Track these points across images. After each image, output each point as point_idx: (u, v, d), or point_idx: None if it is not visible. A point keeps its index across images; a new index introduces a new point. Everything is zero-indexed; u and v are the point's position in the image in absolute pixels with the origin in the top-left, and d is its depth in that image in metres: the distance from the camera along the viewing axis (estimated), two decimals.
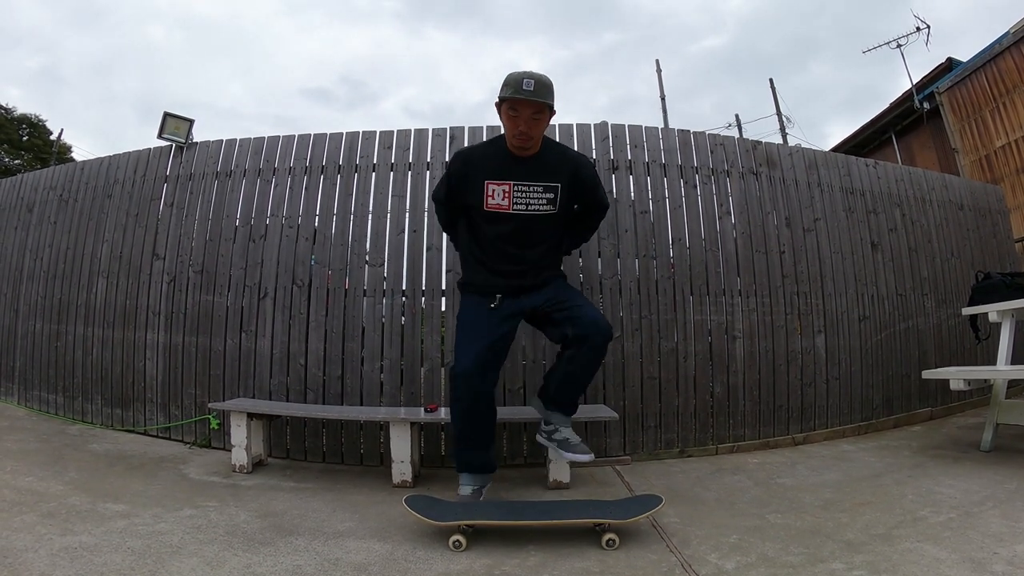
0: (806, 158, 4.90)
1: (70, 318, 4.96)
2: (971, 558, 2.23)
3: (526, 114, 2.81)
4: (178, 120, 4.73)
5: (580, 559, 2.40)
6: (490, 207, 2.92)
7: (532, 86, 2.77)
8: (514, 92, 2.78)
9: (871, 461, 3.83)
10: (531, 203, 2.92)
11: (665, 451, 4.10)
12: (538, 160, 2.96)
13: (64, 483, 3.27)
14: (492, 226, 2.97)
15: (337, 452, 4.03)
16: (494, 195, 2.91)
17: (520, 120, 2.82)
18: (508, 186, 2.91)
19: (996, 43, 9.63)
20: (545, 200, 2.94)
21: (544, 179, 2.94)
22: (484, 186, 2.92)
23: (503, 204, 2.91)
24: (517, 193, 2.91)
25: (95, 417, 4.73)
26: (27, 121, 26.95)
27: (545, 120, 2.88)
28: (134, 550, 2.39)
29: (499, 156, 2.97)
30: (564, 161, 3.03)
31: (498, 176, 2.92)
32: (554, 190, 2.95)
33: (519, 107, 2.79)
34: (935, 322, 5.25)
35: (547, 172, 2.95)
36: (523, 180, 2.92)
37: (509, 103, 2.81)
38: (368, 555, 2.44)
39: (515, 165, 2.94)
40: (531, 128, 2.84)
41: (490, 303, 2.99)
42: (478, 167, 2.96)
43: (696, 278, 4.30)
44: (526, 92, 2.76)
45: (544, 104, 2.81)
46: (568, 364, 2.93)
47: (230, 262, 4.39)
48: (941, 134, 10.86)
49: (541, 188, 2.94)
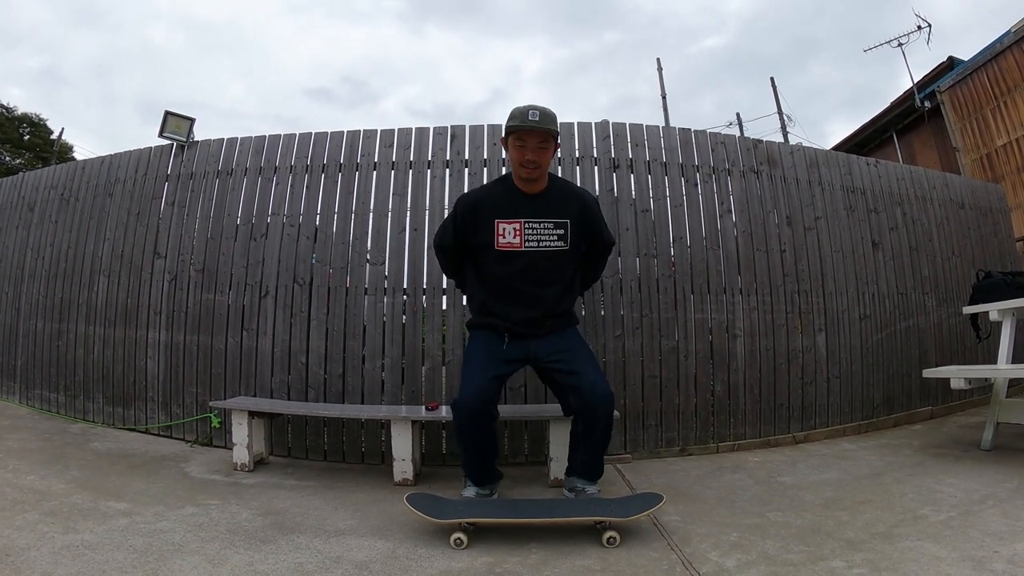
0: (807, 157, 4.90)
1: (71, 317, 4.97)
2: (971, 556, 2.24)
3: (532, 143, 2.86)
4: (179, 119, 4.73)
5: (581, 557, 2.41)
6: (501, 246, 2.94)
7: (537, 116, 2.85)
8: (520, 122, 2.85)
9: (872, 460, 3.84)
10: (542, 240, 2.95)
11: (666, 449, 4.10)
12: (546, 197, 3.01)
13: (66, 482, 3.28)
14: (504, 266, 2.98)
15: (338, 450, 4.04)
16: (505, 234, 2.94)
17: (527, 149, 2.87)
18: (519, 224, 2.94)
19: (997, 42, 9.62)
20: (556, 236, 2.97)
21: (554, 215, 2.98)
22: (495, 225, 2.95)
23: (514, 243, 2.94)
24: (528, 231, 2.94)
25: (96, 416, 4.73)
26: (28, 120, 26.95)
27: (551, 150, 2.94)
28: (136, 548, 2.40)
29: (507, 195, 3.02)
30: (572, 198, 3.08)
31: (508, 215, 2.95)
32: (564, 226, 2.98)
33: (525, 137, 2.86)
34: (936, 321, 5.25)
35: (556, 209, 2.99)
36: (533, 217, 2.96)
37: (515, 134, 2.87)
38: (370, 553, 2.44)
39: (524, 203, 2.98)
40: (538, 156, 2.89)
41: (501, 342, 3.01)
42: (487, 207, 2.99)
43: (697, 276, 4.30)
44: (532, 122, 2.83)
45: (550, 132, 2.87)
46: (588, 439, 2.95)
47: (231, 261, 4.40)
48: (942, 133, 10.86)
49: (552, 225, 2.97)
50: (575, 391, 2.91)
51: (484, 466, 3.02)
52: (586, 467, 3.01)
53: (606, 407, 2.88)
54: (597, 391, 2.88)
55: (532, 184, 2.98)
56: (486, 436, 2.96)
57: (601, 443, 2.96)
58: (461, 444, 2.99)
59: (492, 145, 4.29)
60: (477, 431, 2.89)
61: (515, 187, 3.01)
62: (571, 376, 2.95)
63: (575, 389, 2.91)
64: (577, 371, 2.94)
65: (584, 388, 2.88)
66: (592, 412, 2.88)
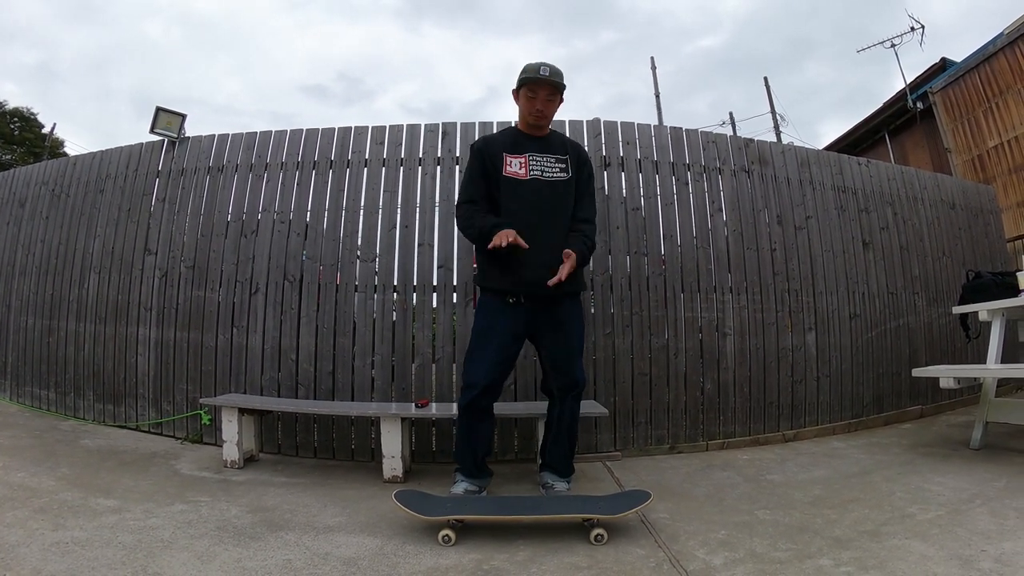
0: (798, 156, 4.92)
1: (62, 314, 4.95)
2: (959, 555, 2.25)
3: (542, 95, 3.13)
4: (170, 115, 4.71)
5: (569, 554, 2.41)
6: (508, 173, 3.13)
7: (548, 71, 3.11)
8: (533, 75, 3.11)
9: (861, 458, 3.85)
10: (546, 170, 3.16)
11: (655, 447, 4.11)
12: (548, 139, 3.28)
13: (56, 478, 3.27)
14: (511, 197, 3.10)
15: (328, 447, 4.03)
16: (511, 164, 3.14)
17: (537, 100, 3.14)
18: (524, 158, 3.16)
19: (990, 44, 9.66)
20: (559, 168, 3.19)
21: (556, 152, 3.23)
22: (503, 157, 3.15)
23: (520, 172, 3.13)
24: (533, 163, 3.16)
25: (87, 413, 4.72)
26: (19, 115, 26.73)
27: (557, 102, 3.22)
28: (125, 545, 2.39)
29: (512, 136, 3.28)
30: (569, 143, 3.37)
31: (515, 151, 3.18)
32: (564, 161, 3.22)
33: (537, 89, 3.12)
34: (926, 320, 5.28)
35: (557, 148, 3.26)
36: (537, 152, 3.19)
37: (528, 86, 3.13)
38: (358, 549, 2.44)
39: (529, 142, 3.22)
40: (546, 107, 3.17)
41: (509, 299, 3.08)
42: (497, 144, 3.22)
43: (687, 275, 4.31)
44: (544, 76, 3.09)
45: (558, 86, 3.13)
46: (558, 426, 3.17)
47: (222, 257, 4.39)
48: (934, 134, 10.90)
49: (554, 159, 3.20)
50: (561, 373, 3.14)
51: (478, 459, 3.11)
52: (554, 458, 3.19)
53: (576, 392, 3.15)
54: (577, 379, 3.14)
55: (537, 130, 3.25)
56: (485, 421, 3.14)
57: (567, 434, 3.18)
58: (462, 425, 3.12)
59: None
60: (480, 411, 3.07)
61: (520, 131, 3.28)
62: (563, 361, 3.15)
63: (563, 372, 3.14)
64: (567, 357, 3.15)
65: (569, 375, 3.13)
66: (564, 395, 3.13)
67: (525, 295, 3.05)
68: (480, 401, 3.03)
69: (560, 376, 3.13)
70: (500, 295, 3.08)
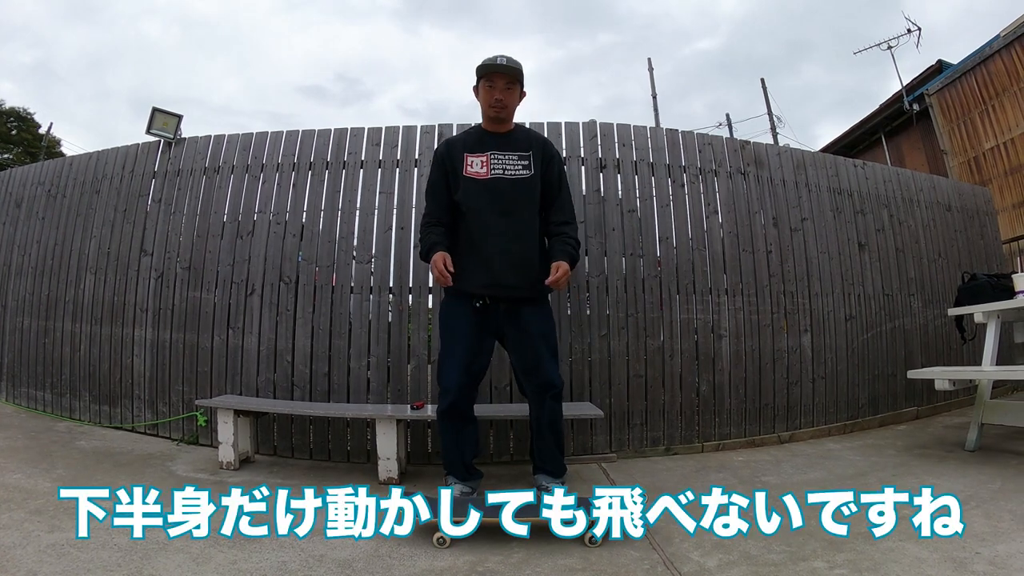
0: (794, 158, 4.92)
1: (58, 314, 4.94)
2: (953, 558, 2.25)
3: (500, 84, 3.12)
4: (166, 115, 4.71)
5: (563, 556, 2.42)
6: (469, 173, 3.12)
7: (504, 60, 3.11)
8: (490, 64, 3.10)
9: (856, 460, 3.86)
10: (508, 168, 3.13)
11: (651, 449, 4.12)
12: (511, 135, 3.25)
13: (52, 480, 3.27)
14: (472, 196, 3.10)
15: (324, 449, 4.03)
16: (472, 164, 3.14)
17: (496, 89, 3.12)
18: (486, 157, 3.14)
19: (986, 46, 9.68)
20: (520, 166, 3.15)
21: (518, 149, 3.19)
22: (464, 158, 3.15)
23: (481, 172, 3.12)
24: (495, 161, 3.14)
25: (83, 414, 4.71)
26: (15, 115, 26.72)
27: (516, 92, 3.18)
28: (120, 547, 2.39)
29: (476, 135, 3.27)
30: (534, 138, 3.32)
31: (476, 149, 3.17)
32: (527, 158, 3.18)
33: (494, 78, 3.11)
34: (921, 322, 5.29)
35: (520, 145, 3.22)
36: (499, 150, 3.16)
37: (486, 77, 3.12)
38: (353, 551, 2.44)
39: (491, 139, 3.20)
40: (505, 96, 3.14)
41: (474, 302, 3.05)
42: (458, 146, 3.22)
43: (683, 277, 4.32)
44: (500, 65, 3.09)
45: (516, 73, 3.12)
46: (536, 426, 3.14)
47: (217, 259, 4.38)
48: (930, 136, 10.92)
49: (516, 157, 3.17)
50: (532, 373, 3.10)
51: (466, 453, 3.09)
52: (544, 460, 3.15)
53: (554, 392, 3.08)
54: (552, 379, 3.07)
55: (499, 124, 3.22)
56: (467, 419, 3.12)
57: (551, 435, 3.12)
58: (444, 429, 3.09)
59: None
60: (457, 413, 3.04)
61: (483, 129, 3.26)
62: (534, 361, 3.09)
63: (534, 372, 3.09)
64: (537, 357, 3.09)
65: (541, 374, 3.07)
66: (540, 398, 3.07)
67: (490, 297, 3.04)
68: (458, 404, 3.02)
69: (531, 380, 3.10)
70: (465, 297, 3.07)
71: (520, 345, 3.11)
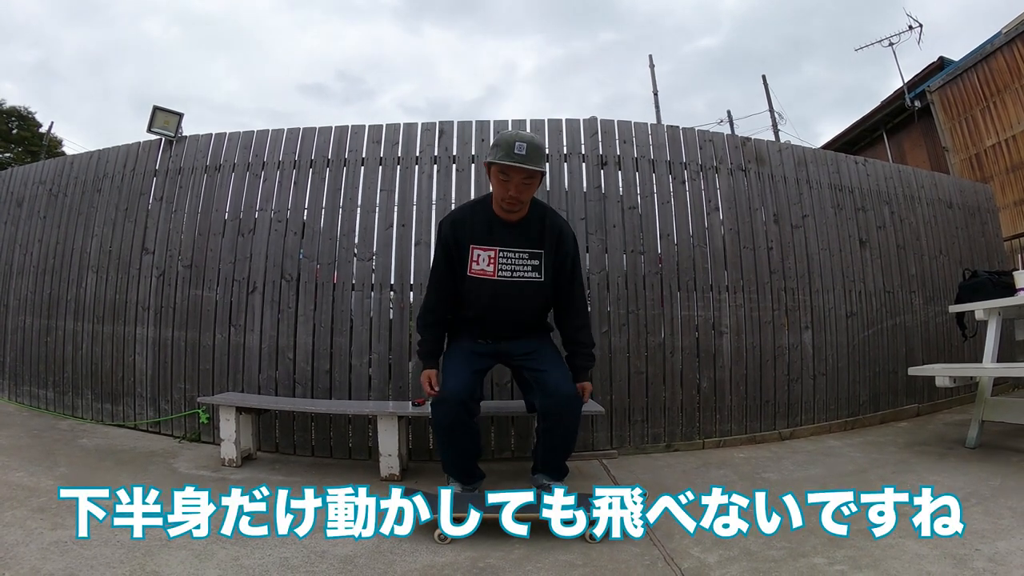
0: (795, 155, 4.92)
1: (60, 313, 4.96)
2: (953, 554, 2.25)
3: (517, 179, 2.73)
4: (167, 114, 4.71)
5: (564, 552, 2.43)
6: (474, 272, 2.86)
7: (524, 150, 2.67)
8: (505, 156, 2.68)
9: (856, 456, 3.86)
10: (516, 269, 2.87)
11: (652, 445, 4.12)
12: (524, 225, 2.90)
13: (55, 478, 3.28)
14: (476, 294, 2.91)
15: (326, 446, 4.04)
16: (479, 260, 2.85)
17: (511, 185, 2.74)
18: (494, 252, 2.85)
19: (988, 43, 9.65)
20: (531, 267, 2.89)
21: (530, 244, 2.89)
22: (470, 251, 2.85)
23: (488, 270, 2.85)
24: (503, 259, 2.86)
25: (85, 412, 4.73)
26: (16, 114, 26.70)
27: (535, 185, 2.81)
28: (123, 544, 2.40)
29: (485, 220, 2.89)
30: (548, 225, 2.95)
31: (484, 241, 2.86)
32: (539, 256, 2.89)
33: (510, 172, 2.71)
34: (922, 319, 5.29)
35: (532, 237, 2.89)
36: (509, 246, 2.87)
37: (499, 167, 2.72)
38: (355, 547, 2.45)
39: (501, 229, 2.87)
40: (521, 193, 2.77)
41: (475, 342, 3.03)
42: (465, 231, 2.89)
43: (684, 274, 4.32)
44: (518, 157, 2.67)
45: (537, 171, 2.74)
46: (547, 438, 2.93)
47: (219, 257, 4.39)
48: (932, 133, 10.89)
49: (527, 255, 2.89)
50: (541, 388, 2.87)
51: (467, 465, 2.98)
52: (547, 465, 3.00)
53: (569, 406, 2.86)
54: (562, 391, 2.83)
55: (512, 215, 2.87)
56: (470, 431, 2.88)
57: (561, 446, 2.94)
58: (444, 442, 2.92)
59: (480, 141, 4.30)
60: (462, 425, 2.82)
61: (493, 212, 2.89)
62: (540, 374, 2.90)
63: (541, 386, 2.87)
64: (544, 369, 2.91)
65: (549, 385, 2.84)
66: (554, 411, 2.85)
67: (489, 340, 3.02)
68: (462, 417, 2.79)
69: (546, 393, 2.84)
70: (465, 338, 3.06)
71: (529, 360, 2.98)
